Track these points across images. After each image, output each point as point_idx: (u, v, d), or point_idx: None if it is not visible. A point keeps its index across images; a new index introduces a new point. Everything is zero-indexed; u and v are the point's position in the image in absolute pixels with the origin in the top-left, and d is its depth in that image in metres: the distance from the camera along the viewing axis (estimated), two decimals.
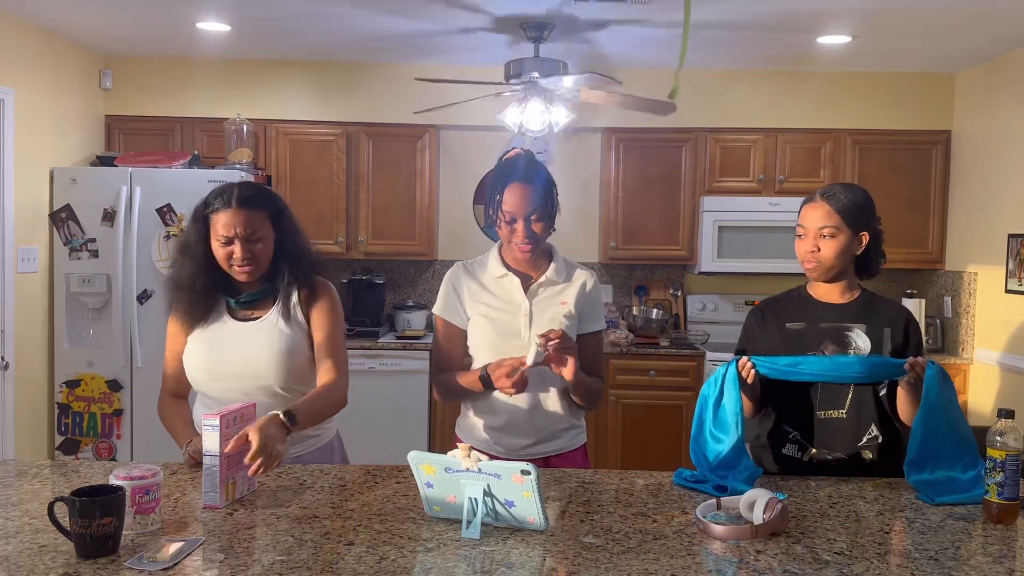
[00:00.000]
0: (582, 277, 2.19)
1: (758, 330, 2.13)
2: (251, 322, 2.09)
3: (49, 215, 4.27)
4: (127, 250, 4.24)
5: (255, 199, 2.04)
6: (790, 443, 2.07)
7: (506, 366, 1.99)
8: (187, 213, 4.14)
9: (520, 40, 4.14)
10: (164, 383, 2.17)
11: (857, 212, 2.02)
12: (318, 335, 2.09)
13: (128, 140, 4.83)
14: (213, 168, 4.45)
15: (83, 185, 4.26)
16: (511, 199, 2.06)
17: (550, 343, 1.92)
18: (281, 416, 1.80)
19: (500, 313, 2.13)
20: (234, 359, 2.04)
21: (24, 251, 4.08)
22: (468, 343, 2.18)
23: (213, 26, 4.12)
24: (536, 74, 3.86)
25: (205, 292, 2.07)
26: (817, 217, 2.02)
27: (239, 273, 2.04)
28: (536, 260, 2.17)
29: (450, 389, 2.18)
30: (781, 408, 2.09)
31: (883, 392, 2.02)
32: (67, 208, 4.26)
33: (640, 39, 4.20)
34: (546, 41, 4.01)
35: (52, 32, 4.25)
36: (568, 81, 3.79)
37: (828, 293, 2.08)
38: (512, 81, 3.94)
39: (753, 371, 1.93)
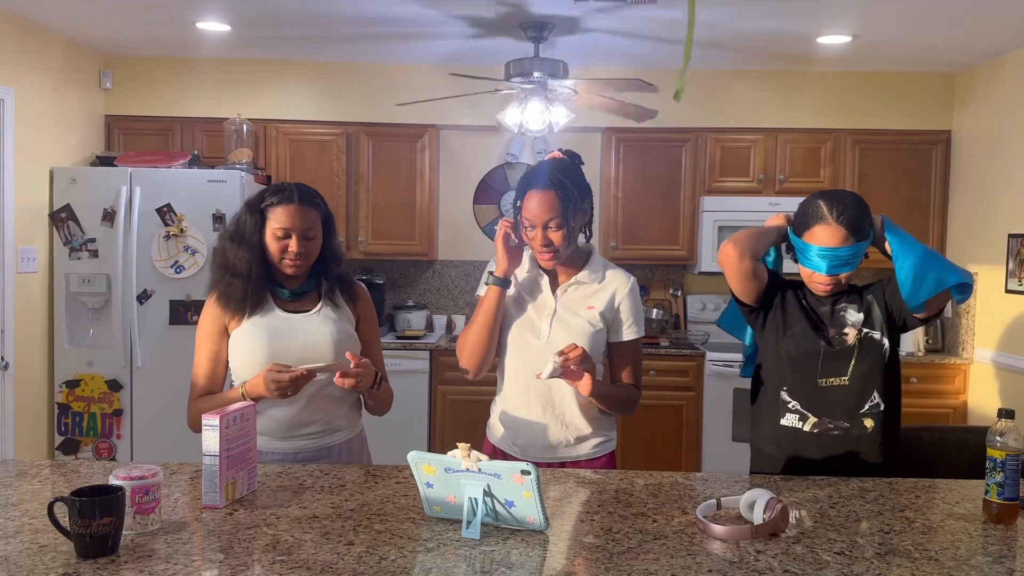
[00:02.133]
0: (615, 283, 2.13)
1: (785, 298, 2.14)
2: (302, 314, 2.12)
3: (49, 215, 4.27)
4: (127, 250, 4.24)
5: (313, 198, 2.13)
6: (790, 413, 2.08)
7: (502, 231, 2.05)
8: (188, 213, 4.19)
9: (520, 40, 4.14)
10: (194, 389, 2.12)
11: (865, 228, 2.01)
12: (366, 336, 2.23)
13: (128, 140, 4.83)
14: (213, 168, 4.45)
15: (83, 185, 4.26)
16: (530, 206, 2.03)
17: (567, 361, 1.90)
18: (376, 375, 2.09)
19: (526, 310, 2.12)
20: (297, 347, 2.06)
21: (24, 251, 4.08)
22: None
23: (213, 26, 4.12)
24: (537, 74, 3.86)
25: (259, 281, 2.08)
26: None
27: (289, 267, 2.08)
28: (572, 261, 2.12)
29: (467, 331, 2.11)
30: (780, 377, 2.10)
31: (886, 350, 2.04)
32: (67, 208, 4.26)
33: (640, 39, 4.20)
34: (546, 41, 4.01)
35: (52, 32, 4.25)
36: (570, 81, 3.79)
37: None
38: (512, 81, 3.94)
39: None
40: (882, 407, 2.04)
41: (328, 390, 2.11)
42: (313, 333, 2.09)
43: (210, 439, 1.68)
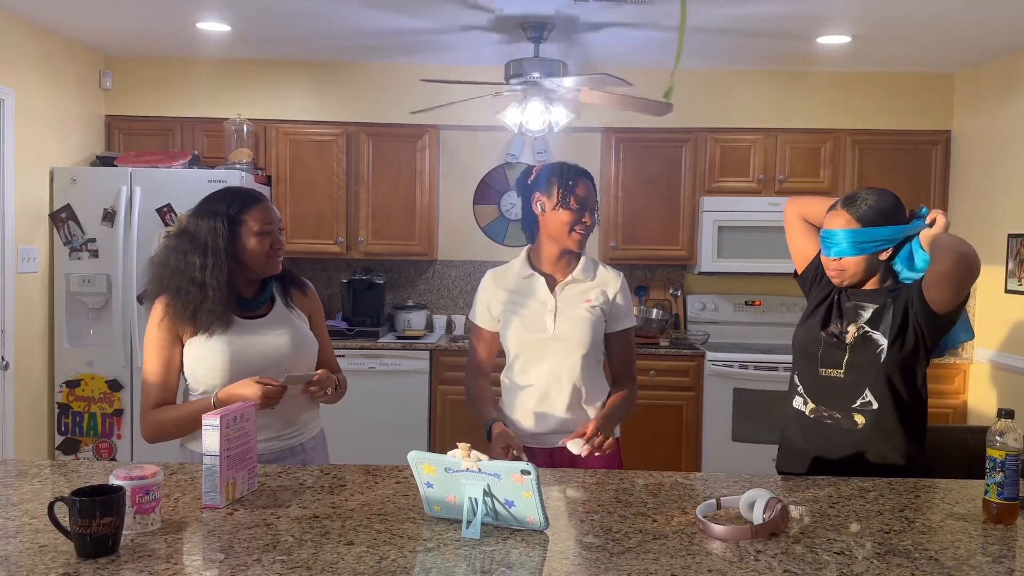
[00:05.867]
0: (608, 279, 2.32)
1: (817, 281, 2.22)
2: (261, 318, 2.12)
3: (49, 215, 4.27)
4: (127, 250, 4.24)
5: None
6: (798, 396, 2.17)
7: (504, 443, 2.11)
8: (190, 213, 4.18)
9: (520, 40, 4.14)
10: (148, 398, 2.05)
11: (871, 218, 2.01)
12: (319, 334, 2.26)
13: (128, 140, 4.83)
14: (213, 168, 4.45)
15: (83, 185, 4.26)
16: (579, 190, 2.23)
17: (595, 451, 2.08)
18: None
19: (528, 310, 2.28)
20: (258, 353, 2.06)
21: (24, 251, 4.08)
22: (501, 342, 2.33)
23: (213, 26, 4.12)
24: (537, 74, 3.86)
25: (228, 293, 2.04)
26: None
27: (276, 264, 2.12)
28: (563, 261, 2.30)
29: (472, 399, 2.35)
30: (795, 362, 2.20)
31: (882, 351, 2.02)
32: (67, 208, 4.26)
33: (639, 39, 4.20)
34: (546, 41, 4.01)
35: (52, 32, 4.25)
36: (570, 81, 3.79)
37: None
38: (512, 81, 3.94)
39: None
40: (874, 406, 2.04)
41: (289, 391, 2.09)
42: (272, 338, 2.10)
43: (210, 439, 1.68)
